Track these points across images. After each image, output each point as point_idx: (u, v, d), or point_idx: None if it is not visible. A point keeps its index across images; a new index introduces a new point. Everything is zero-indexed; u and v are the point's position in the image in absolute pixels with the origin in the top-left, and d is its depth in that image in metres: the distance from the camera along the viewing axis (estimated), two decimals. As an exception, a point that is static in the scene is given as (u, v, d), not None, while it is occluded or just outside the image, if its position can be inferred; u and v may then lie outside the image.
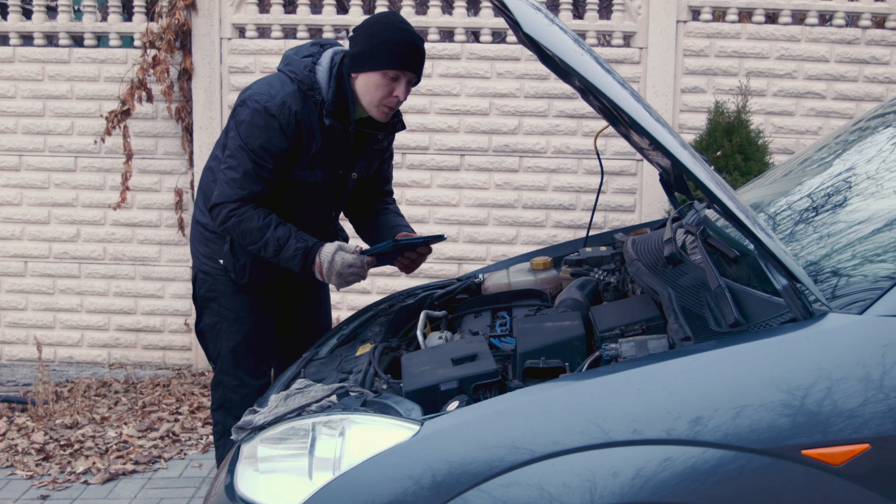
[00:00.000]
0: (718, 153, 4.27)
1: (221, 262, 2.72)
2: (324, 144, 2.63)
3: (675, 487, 1.54)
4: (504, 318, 2.52)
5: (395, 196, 3.08)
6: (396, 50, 2.53)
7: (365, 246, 2.72)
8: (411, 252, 2.75)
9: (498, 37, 5.48)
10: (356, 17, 5.03)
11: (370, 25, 2.58)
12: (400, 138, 5.17)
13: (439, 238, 2.79)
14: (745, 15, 5.02)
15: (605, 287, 2.55)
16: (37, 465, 3.81)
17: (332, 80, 2.57)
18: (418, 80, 2.64)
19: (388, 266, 2.80)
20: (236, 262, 2.69)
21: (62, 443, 4.03)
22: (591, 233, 3.05)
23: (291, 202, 2.66)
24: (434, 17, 5.01)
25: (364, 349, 2.39)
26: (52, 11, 5.94)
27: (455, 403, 1.81)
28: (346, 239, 2.98)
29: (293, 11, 5.22)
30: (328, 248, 2.57)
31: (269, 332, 2.84)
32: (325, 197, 2.75)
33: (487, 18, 5.06)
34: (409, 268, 2.79)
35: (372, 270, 4.96)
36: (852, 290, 1.72)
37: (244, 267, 2.69)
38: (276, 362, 3.03)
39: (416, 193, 5.02)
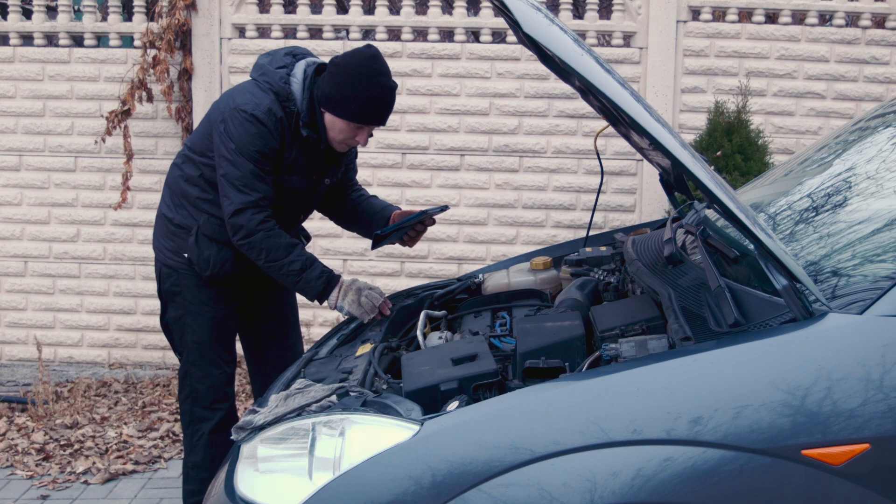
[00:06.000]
0: (718, 153, 4.27)
1: (186, 255, 2.80)
2: (300, 152, 2.72)
3: (675, 487, 1.54)
4: (504, 318, 2.53)
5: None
6: (365, 107, 2.60)
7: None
8: (420, 225, 2.94)
9: (498, 37, 5.48)
10: (356, 16, 5.03)
11: (347, 71, 2.58)
12: (400, 138, 5.19)
13: (445, 208, 3.00)
14: (745, 15, 5.02)
15: (605, 287, 2.55)
16: (37, 465, 3.81)
17: (306, 91, 2.65)
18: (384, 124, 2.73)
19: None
20: (200, 255, 2.77)
21: (62, 443, 4.03)
22: (591, 233, 3.06)
23: None
24: (434, 17, 5.01)
25: (364, 349, 2.39)
26: (52, 11, 5.94)
27: (455, 403, 1.81)
28: (308, 237, 3.11)
29: (293, 11, 5.21)
30: (348, 277, 2.70)
31: (232, 324, 2.94)
32: (299, 201, 2.84)
33: (487, 18, 5.06)
34: (413, 240, 2.98)
35: (372, 271, 4.98)
36: (852, 290, 1.72)
37: (208, 259, 2.77)
38: (249, 366, 3.14)
39: (416, 193, 5.01)
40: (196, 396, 2.87)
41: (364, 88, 2.57)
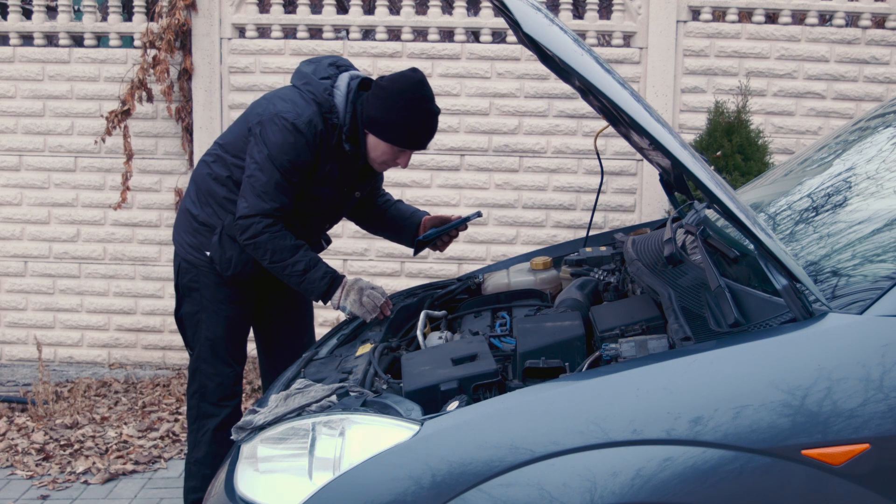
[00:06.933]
0: (718, 153, 4.27)
1: (208, 253, 2.79)
2: (335, 165, 2.71)
3: (675, 487, 1.54)
4: (504, 318, 2.53)
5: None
6: (411, 132, 2.61)
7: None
8: (454, 230, 2.99)
9: (498, 37, 5.47)
10: (356, 16, 5.03)
11: (394, 96, 2.57)
12: (400, 138, 5.18)
13: (479, 214, 3.04)
14: (745, 15, 5.02)
15: (605, 287, 2.55)
16: (37, 465, 3.81)
17: (349, 105, 2.64)
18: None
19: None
20: (223, 255, 2.77)
21: (62, 443, 4.03)
22: (591, 233, 3.06)
23: (294, 214, 2.71)
24: (434, 17, 5.01)
25: (364, 349, 2.39)
26: (52, 11, 5.94)
27: (455, 403, 1.81)
28: (329, 241, 3.10)
29: (293, 11, 5.21)
30: (351, 277, 2.73)
31: (246, 323, 2.96)
32: (327, 211, 2.85)
33: (487, 18, 5.06)
34: (446, 245, 3.02)
35: (372, 271, 4.97)
36: (852, 290, 1.72)
37: (230, 260, 2.76)
38: (261, 363, 3.15)
39: (416, 193, 5.01)
40: (204, 392, 2.88)
41: (410, 114, 2.58)
